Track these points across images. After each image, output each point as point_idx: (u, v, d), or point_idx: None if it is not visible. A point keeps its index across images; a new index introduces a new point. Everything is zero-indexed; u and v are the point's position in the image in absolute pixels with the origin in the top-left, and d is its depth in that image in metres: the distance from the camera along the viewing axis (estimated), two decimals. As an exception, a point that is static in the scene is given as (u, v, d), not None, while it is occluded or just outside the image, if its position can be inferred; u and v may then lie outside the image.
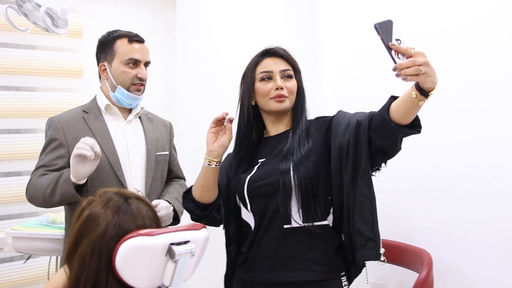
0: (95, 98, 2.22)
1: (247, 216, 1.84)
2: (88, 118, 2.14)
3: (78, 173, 1.89)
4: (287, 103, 1.83)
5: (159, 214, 2.05)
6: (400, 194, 2.52)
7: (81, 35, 3.32)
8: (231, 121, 1.79)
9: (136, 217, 1.19)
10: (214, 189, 1.85)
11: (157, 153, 2.22)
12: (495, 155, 2.20)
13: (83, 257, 1.14)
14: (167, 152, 2.30)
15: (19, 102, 3.09)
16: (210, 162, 1.79)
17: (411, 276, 2.20)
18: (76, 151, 1.86)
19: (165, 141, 2.31)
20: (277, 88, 1.80)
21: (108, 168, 2.07)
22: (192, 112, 3.51)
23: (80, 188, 1.96)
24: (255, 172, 1.82)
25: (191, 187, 1.93)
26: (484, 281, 2.23)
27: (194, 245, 1.18)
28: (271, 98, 1.82)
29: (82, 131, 2.09)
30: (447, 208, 2.35)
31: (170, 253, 1.14)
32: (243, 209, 1.86)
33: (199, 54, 3.46)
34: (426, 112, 1.70)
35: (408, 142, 1.73)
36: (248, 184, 1.81)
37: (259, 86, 1.83)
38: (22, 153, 3.09)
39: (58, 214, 2.48)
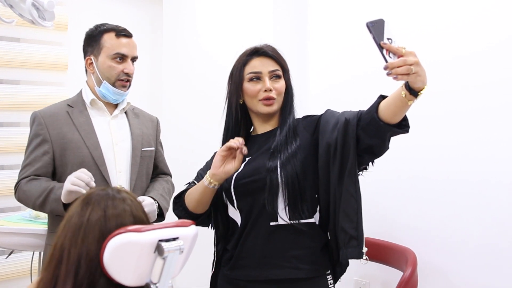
0: (80, 92, 2.19)
1: (234, 213, 1.84)
2: (73, 113, 2.11)
3: (69, 199, 1.88)
4: (275, 106, 1.83)
5: None
6: (386, 194, 2.54)
7: (66, 29, 3.28)
8: (244, 153, 1.75)
9: (106, 207, 1.18)
10: (209, 203, 1.84)
11: (142, 149, 2.20)
12: (482, 158, 2.22)
13: (53, 248, 1.16)
14: (153, 148, 2.27)
15: (2, 95, 3.04)
16: (210, 183, 1.77)
17: (396, 275, 2.22)
18: (70, 187, 1.84)
19: (151, 137, 2.29)
20: (265, 90, 1.80)
21: (92, 164, 2.05)
22: (179, 108, 3.49)
23: None
24: (242, 170, 1.81)
25: (181, 193, 1.92)
26: (467, 281, 2.25)
27: (183, 241, 1.17)
28: (259, 100, 1.81)
29: (65, 125, 2.08)
30: (433, 208, 2.37)
31: (158, 250, 1.14)
32: (229, 206, 1.85)
33: (186, 49, 3.44)
34: (415, 113, 1.71)
35: (396, 142, 1.74)
36: (234, 181, 1.81)
37: (248, 86, 1.83)
38: (5, 147, 3.05)
39: (42, 209, 2.45)
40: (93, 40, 2.12)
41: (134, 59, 2.15)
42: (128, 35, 2.13)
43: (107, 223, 1.14)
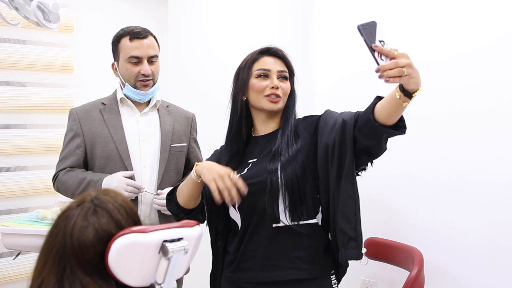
0: (115, 91, 2.31)
1: (234, 214, 1.84)
2: (104, 110, 2.25)
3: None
4: (280, 105, 1.84)
5: (160, 201, 2.15)
6: (392, 192, 2.53)
7: (72, 30, 3.29)
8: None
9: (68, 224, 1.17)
10: (199, 197, 1.87)
11: (172, 145, 2.28)
12: (486, 158, 2.21)
13: (38, 258, 1.16)
14: (184, 144, 2.34)
15: (8, 97, 3.05)
16: (198, 177, 1.78)
17: (402, 274, 2.21)
18: (126, 193, 2.08)
19: (183, 133, 2.36)
20: (272, 87, 1.80)
21: (117, 158, 2.19)
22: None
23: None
24: (245, 173, 1.82)
25: (174, 189, 1.94)
26: (473, 281, 2.24)
27: (187, 242, 1.18)
28: (265, 96, 1.81)
29: (96, 121, 2.23)
30: (439, 207, 2.35)
31: (163, 250, 1.14)
32: (231, 207, 1.85)
33: (191, 50, 3.44)
34: (424, 111, 1.69)
35: (401, 140, 1.74)
36: (237, 182, 1.81)
37: (255, 82, 1.83)
38: (12, 149, 3.06)
39: (49, 210, 2.45)
40: (114, 46, 2.24)
41: (151, 58, 2.22)
42: (141, 36, 2.20)
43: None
